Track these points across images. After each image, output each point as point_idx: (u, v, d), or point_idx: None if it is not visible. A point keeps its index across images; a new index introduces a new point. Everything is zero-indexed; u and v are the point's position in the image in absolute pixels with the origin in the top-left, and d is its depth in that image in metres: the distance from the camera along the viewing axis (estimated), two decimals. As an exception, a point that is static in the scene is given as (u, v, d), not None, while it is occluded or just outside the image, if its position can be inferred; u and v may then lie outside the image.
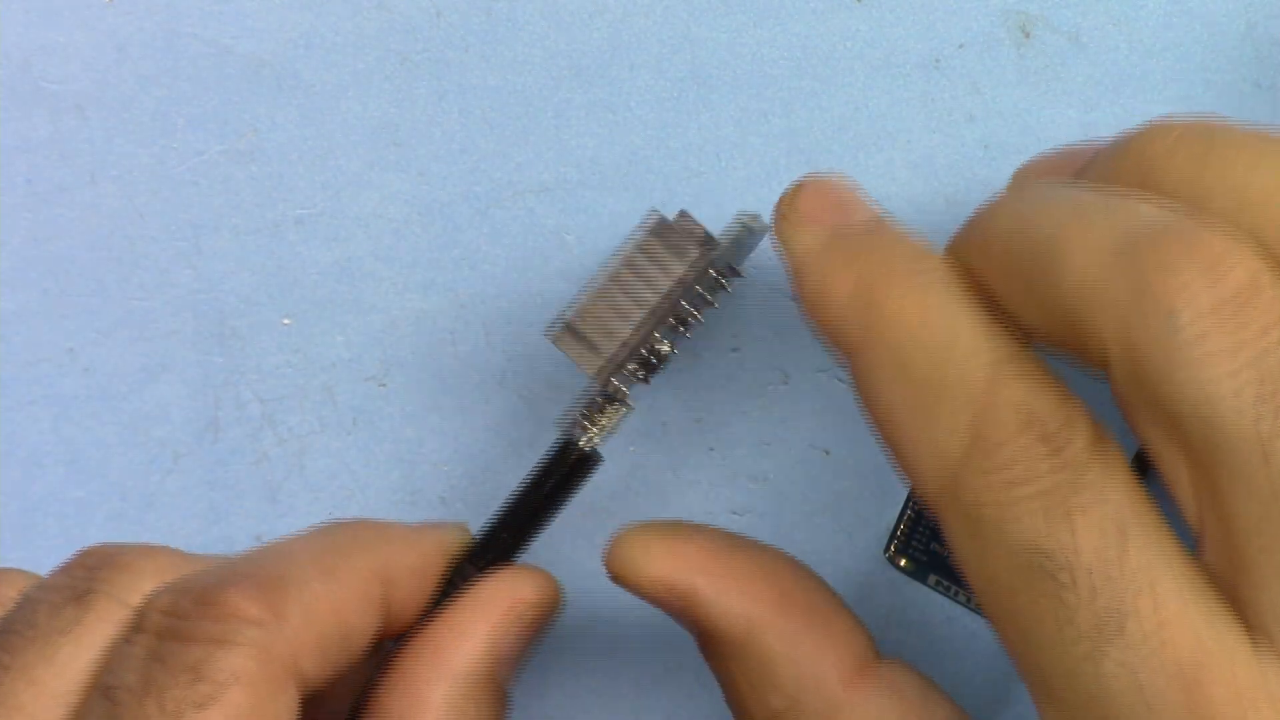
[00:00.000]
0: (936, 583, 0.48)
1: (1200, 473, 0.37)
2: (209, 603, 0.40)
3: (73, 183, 0.50)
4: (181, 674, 0.39)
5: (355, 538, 0.43)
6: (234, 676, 0.39)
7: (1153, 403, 0.37)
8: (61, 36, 0.50)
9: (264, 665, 0.40)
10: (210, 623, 0.40)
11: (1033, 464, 0.37)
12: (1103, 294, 0.37)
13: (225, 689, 0.39)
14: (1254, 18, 0.49)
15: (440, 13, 0.50)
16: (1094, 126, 0.49)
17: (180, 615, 0.40)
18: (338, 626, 0.41)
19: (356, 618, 0.42)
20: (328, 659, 0.41)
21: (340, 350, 0.49)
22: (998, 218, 0.40)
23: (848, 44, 0.50)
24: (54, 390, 0.49)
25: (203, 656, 0.40)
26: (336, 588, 0.42)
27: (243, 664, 0.40)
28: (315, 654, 0.41)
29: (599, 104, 0.50)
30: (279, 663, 0.40)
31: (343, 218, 0.50)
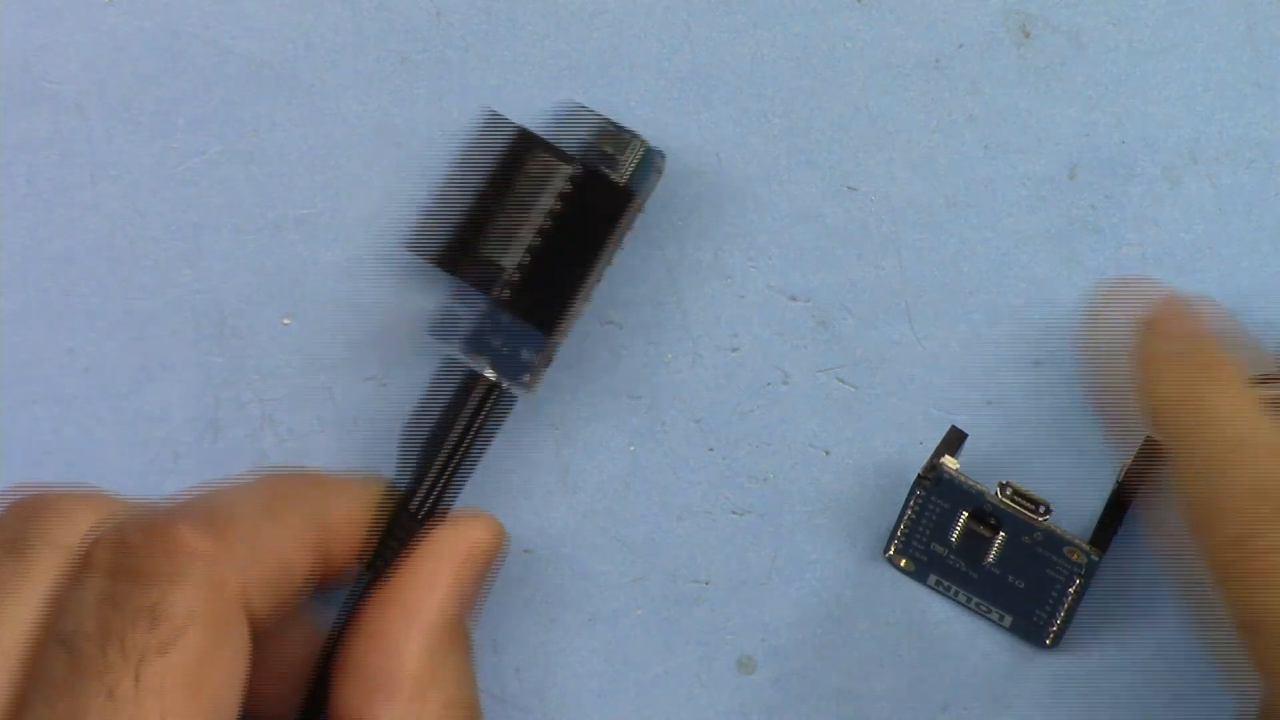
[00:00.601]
0: (936, 583, 0.48)
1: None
2: (157, 537, 0.40)
3: (73, 183, 0.50)
4: (139, 617, 0.39)
5: (293, 485, 0.44)
6: (190, 615, 0.39)
7: None
8: (61, 36, 0.50)
9: (216, 600, 0.40)
10: (160, 558, 0.40)
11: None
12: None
13: (184, 630, 0.39)
14: (1254, 18, 0.49)
15: (440, 13, 0.50)
16: (1094, 126, 0.49)
17: (129, 552, 0.40)
18: (281, 565, 0.42)
19: (297, 559, 0.42)
20: (272, 597, 0.41)
21: (340, 350, 0.49)
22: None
23: (848, 44, 0.50)
24: (54, 390, 0.49)
25: (158, 597, 0.39)
26: (278, 528, 0.42)
27: (197, 601, 0.40)
28: (261, 590, 0.41)
29: (599, 104, 0.50)
30: (229, 597, 0.40)
31: (343, 218, 0.50)
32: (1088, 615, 0.48)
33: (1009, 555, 0.46)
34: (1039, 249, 0.49)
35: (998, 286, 0.49)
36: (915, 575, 0.48)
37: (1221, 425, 0.44)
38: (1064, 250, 0.49)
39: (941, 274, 0.49)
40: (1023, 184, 0.49)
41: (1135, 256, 0.49)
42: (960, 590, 0.47)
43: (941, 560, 0.47)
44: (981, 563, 0.47)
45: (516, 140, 0.47)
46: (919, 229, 0.49)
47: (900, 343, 0.49)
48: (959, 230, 0.49)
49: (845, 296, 0.49)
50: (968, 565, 0.47)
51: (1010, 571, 0.47)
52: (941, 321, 0.49)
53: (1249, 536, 0.42)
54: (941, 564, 0.47)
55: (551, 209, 0.47)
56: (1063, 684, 0.48)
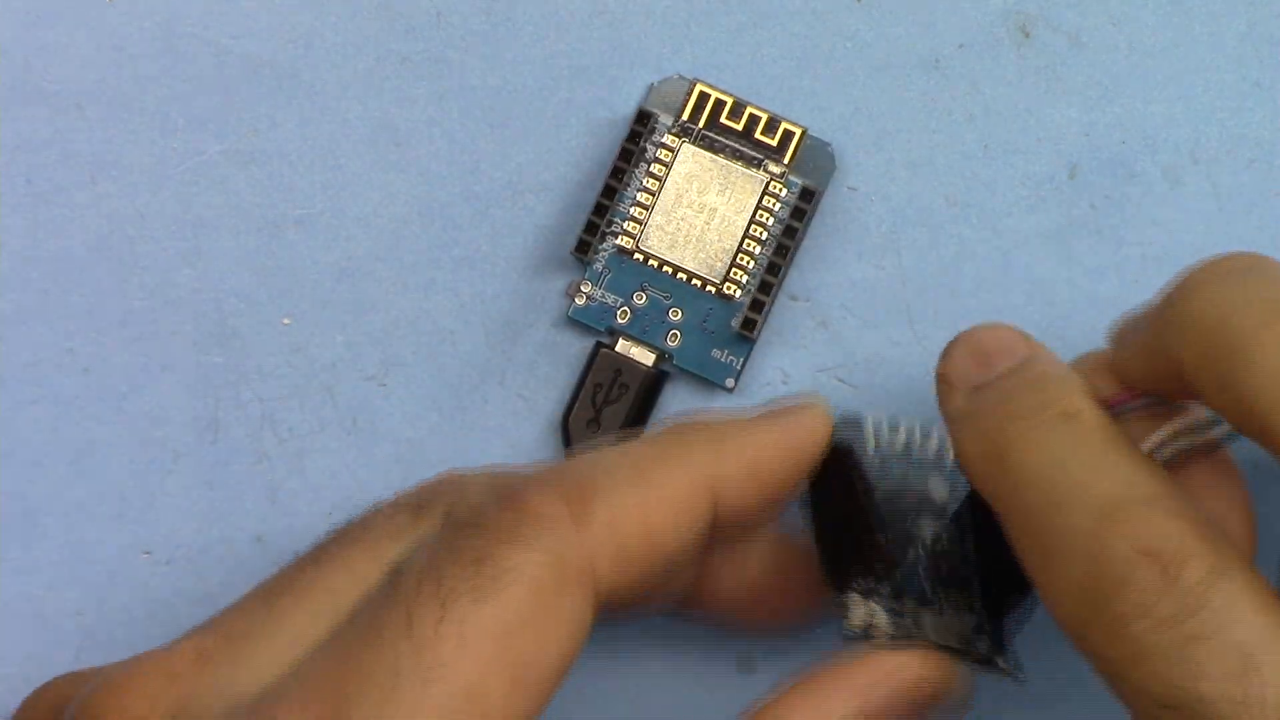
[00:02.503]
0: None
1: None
2: (510, 502, 0.40)
3: (73, 183, 0.50)
4: (467, 564, 0.39)
5: (682, 442, 0.43)
6: (518, 573, 0.39)
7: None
8: (61, 36, 0.50)
9: (553, 568, 0.39)
10: (506, 516, 0.40)
11: (1149, 596, 0.38)
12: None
13: (506, 585, 0.39)
14: (1254, 18, 0.49)
15: (440, 13, 0.50)
16: (1094, 126, 0.49)
17: (479, 510, 0.40)
18: (645, 536, 0.41)
19: (670, 526, 0.41)
20: (632, 567, 0.41)
21: (340, 350, 0.49)
22: (1197, 304, 0.40)
23: (848, 44, 0.50)
24: (54, 390, 0.49)
25: (491, 550, 0.39)
26: (649, 496, 0.41)
27: (530, 562, 0.39)
28: (616, 563, 0.40)
29: (599, 104, 0.50)
30: (572, 568, 0.40)
31: (343, 218, 0.50)
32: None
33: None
34: (1039, 249, 0.49)
35: (998, 286, 0.49)
36: None
37: (1031, 487, 0.40)
38: (1064, 250, 0.49)
39: (941, 274, 0.49)
40: (1023, 184, 0.49)
41: (1135, 256, 0.49)
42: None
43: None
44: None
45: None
46: (919, 229, 0.49)
47: (900, 343, 0.49)
48: (959, 230, 0.49)
49: (845, 296, 0.49)
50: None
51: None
52: (941, 321, 0.49)
53: (1098, 616, 0.39)
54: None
55: None
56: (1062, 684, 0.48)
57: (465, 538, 0.40)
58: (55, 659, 0.45)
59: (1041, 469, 0.40)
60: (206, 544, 0.49)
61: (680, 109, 0.49)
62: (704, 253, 0.48)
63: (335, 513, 0.49)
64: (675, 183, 0.48)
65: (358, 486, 0.49)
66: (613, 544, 0.40)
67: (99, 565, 0.49)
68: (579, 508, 0.40)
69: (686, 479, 0.42)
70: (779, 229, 0.48)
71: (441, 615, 0.39)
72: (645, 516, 0.41)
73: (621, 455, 0.42)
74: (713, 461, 0.42)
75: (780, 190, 0.48)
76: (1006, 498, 0.40)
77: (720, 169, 0.48)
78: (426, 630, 0.39)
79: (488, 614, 0.39)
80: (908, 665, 0.43)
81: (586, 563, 0.40)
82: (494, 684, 0.39)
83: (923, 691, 0.43)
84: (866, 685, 0.42)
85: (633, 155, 0.48)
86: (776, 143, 0.49)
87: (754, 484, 0.43)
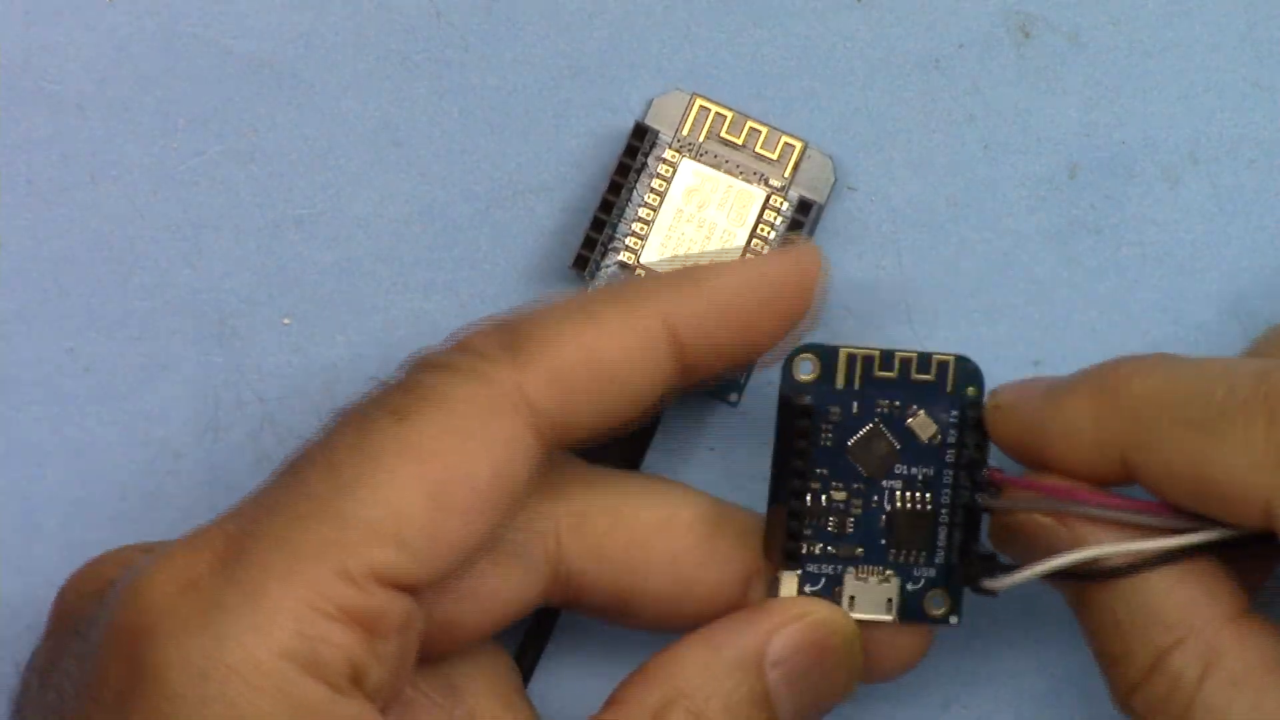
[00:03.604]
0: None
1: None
2: (450, 340, 0.41)
3: (73, 183, 0.50)
4: (393, 390, 0.40)
5: (638, 282, 0.43)
6: (439, 393, 0.40)
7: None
8: (61, 36, 0.50)
9: (477, 389, 0.40)
10: (443, 355, 0.41)
11: None
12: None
13: (425, 403, 0.39)
14: (1254, 18, 0.49)
15: (440, 13, 0.50)
16: (1094, 126, 0.49)
17: (427, 351, 0.41)
18: (589, 366, 0.41)
19: (620, 357, 0.41)
20: (576, 397, 0.41)
21: (340, 350, 0.49)
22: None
23: (848, 44, 0.50)
24: (54, 390, 0.49)
25: (418, 378, 0.40)
26: (593, 328, 0.41)
27: (452, 384, 0.40)
28: (556, 391, 0.40)
29: (599, 104, 0.50)
30: (500, 392, 0.40)
31: (343, 218, 0.50)
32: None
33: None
34: (1039, 249, 0.49)
35: (998, 286, 0.49)
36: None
37: None
38: (1064, 250, 0.49)
39: (941, 274, 0.49)
40: (1023, 184, 0.49)
41: (1135, 256, 0.49)
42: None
43: None
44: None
45: None
46: (919, 229, 0.49)
47: (900, 343, 0.49)
48: (959, 230, 0.49)
49: (845, 296, 0.49)
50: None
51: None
52: (941, 321, 0.49)
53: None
54: None
55: None
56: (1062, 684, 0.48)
57: (402, 371, 0.41)
58: (55, 659, 0.45)
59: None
60: (206, 544, 0.49)
61: (680, 123, 0.49)
62: None
63: (335, 513, 0.49)
64: (675, 198, 0.48)
65: (358, 486, 0.49)
66: (548, 372, 0.41)
67: (99, 565, 0.49)
68: (513, 339, 0.41)
69: (637, 313, 0.42)
70: (778, 242, 0.48)
71: (360, 436, 0.39)
72: (587, 347, 0.41)
73: (571, 298, 0.43)
74: (671, 298, 0.43)
75: (780, 204, 0.48)
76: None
77: (720, 184, 0.48)
78: (343, 453, 0.39)
79: (406, 433, 0.39)
80: (813, 612, 0.43)
81: (516, 388, 0.40)
82: (412, 500, 0.39)
83: (830, 643, 0.43)
84: (767, 629, 0.42)
85: (630, 170, 0.48)
86: (777, 156, 0.48)
87: (723, 321, 0.43)
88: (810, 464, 0.44)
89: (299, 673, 0.38)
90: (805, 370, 0.44)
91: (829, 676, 0.43)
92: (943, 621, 0.44)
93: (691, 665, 0.42)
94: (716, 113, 0.49)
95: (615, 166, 0.48)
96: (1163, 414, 0.41)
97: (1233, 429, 0.39)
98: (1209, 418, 0.40)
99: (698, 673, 0.42)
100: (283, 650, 0.38)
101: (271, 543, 0.39)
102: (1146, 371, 0.42)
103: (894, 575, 0.44)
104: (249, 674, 0.38)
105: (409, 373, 0.41)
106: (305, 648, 0.38)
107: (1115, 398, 0.42)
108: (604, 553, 0.44)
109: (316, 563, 0.38)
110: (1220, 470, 0.40)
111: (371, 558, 0.39)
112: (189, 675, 0.38)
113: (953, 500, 0.44)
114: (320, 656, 0.38)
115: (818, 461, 0.44)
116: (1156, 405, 0.41)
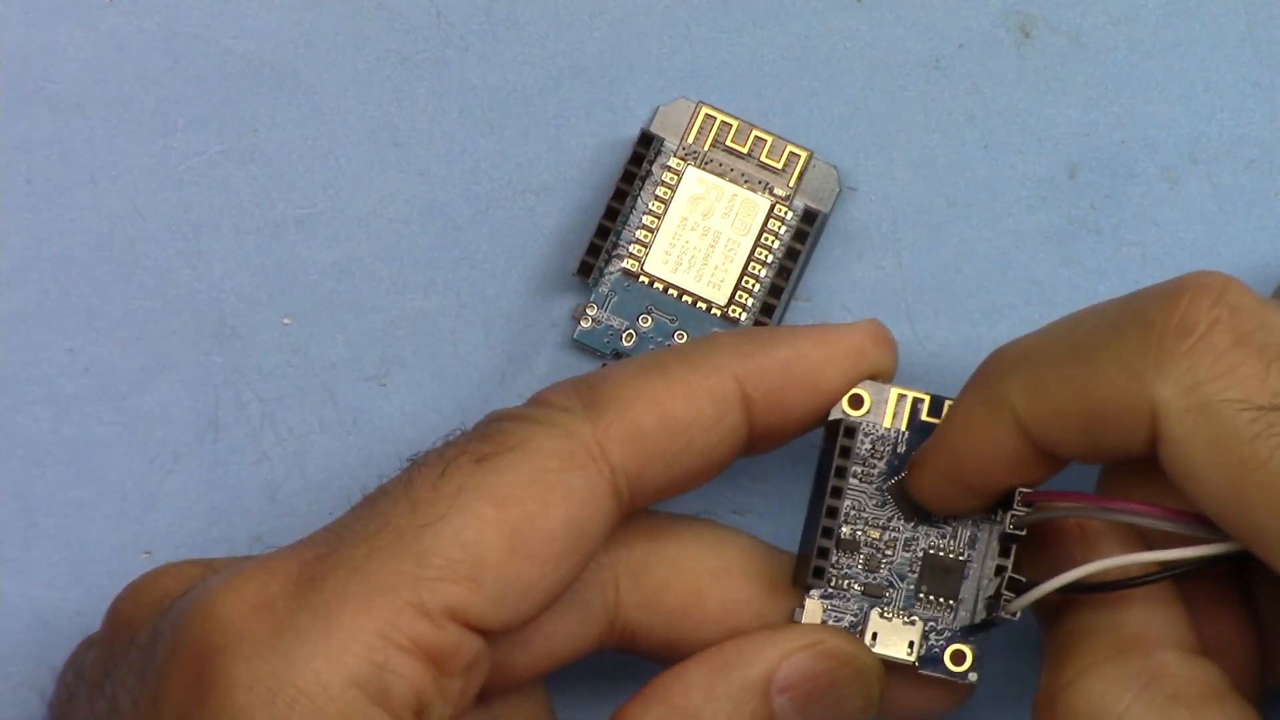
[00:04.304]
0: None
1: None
2: (531, 398, 0.42)
3: (73, 183, 0.50)
4: (474, 437, 0.40)
5: (709, 342, 0.43)
6: (521, 443, 0.40)
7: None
8: (61, 36, 0.50)
9: (558, 441, 0.40)
10: (522, 409, 0.41)
11: None
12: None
13: (507, 450, 0.40)
14: (1254, 18, 0.49)
15: (440, 13, 0.50)
16: (1094, 126, 0.49)
17: (507, 409, 0.42)
18: (662, 423, 0.41)
19: (692, 416, 0.42)
20: (651, 454, 0.41)
21: (340, 350, 0.49)
22: None
23: (848, 44, 0.50)
24: (54, 390, 0.49)
25: (499, 426, 0.40)
26: (665, 385, 0.42)
27: (534, 434, 0.40)
28: (631, 446, 0.41)
29: (599, 104, 0.50)
30: (579, 445, 0.40)
31: (343, 218, 0.50)
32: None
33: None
34: (1039, 249, 0.49)
35: (998, 286, 0.49)
36: None
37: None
38: (1064, 250, 0.49)
39: (941, 274, 0.49)
40: (1023, 184, 0.49)
41: (1135, 256, 0.49)
42: None
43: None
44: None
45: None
46: (919, 229, 0.49)
47: (900, 343, 0.49)
48: (959, 230, 0.49)
49: (845, 296, 0.49)
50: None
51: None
52: (941, 321, 0.49)
53: None
54: None
55: None
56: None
57: (481, 423, 0.41)
58: (55, 659, 0.45)
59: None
60: (206, 544, 0.49)
61: (685, 131, 0.49)
62: (709, 276, 0.48)
63: (335, 512, 0.49)
64: (680, 205, 0.48)
65: (358, 486, 0.49)
66: (626, 429, 0.41)
67: (99, 565, 0.49)
68: (591, 395, 0.41)
69: (707, 372, 0.42)
70: (782, 251, 0.48)
71: (440, 476, 0.40)
72: (661, 404, 0.42)
73: (646, 355, 0.43)
74: (741, 359, 0.43)
75: (785, 213, 0.48)
76: None
77: (725, 192, 0.48)
78: (423, 491, 0.39)
79: (486, 476, 0.39)
80: (826, 641, 0.43)
81: (594, 442, 0.41)
82: (490, 543, 0.39)
83: (842, 674, 0.43)
84: (778, 654, 0.42)
85: (635, 178, 0.48)
86: (782, 165, 0.48)
87: (790, 387, 0.43)
88: (849, 495, 0.45)
89: (367, 702, 0.38)
90: (855, 404, 0.45)
91: (839, 706, 0.43)
92: (961, 677, 0.44)
93: (696, 686, 0.42)
94: (722, 121, 0.48)
95: (621, 174, 0.48)
96: (1040, 359, 0.41)
97: (1107, 348, 0.40)
98: (1082, 347, 0.40)
99: (701, 694, 0.42)
100: (353, 678, 0.38)
101: (348, 571, 0.39)
102: (1017, 340, 0.42)
103: (919, 620, 0.45)
104: (318, 698, 0.38)
105: (488, 423, 0.41)
106: (375, 677, 0.38)
107: (994, 370, 0.42)
108: (661, 602, 0.44)
109: (392, 594, 0.38)
110: (1103, 389, 0.40)
111: (448, 595, 0.39)
112: (257, 695, 0.38)
113: (984, 553, 0.44)
114: (389, 687, 0.38)
115: (857, 498, 0.45)
116: (1032, 355, 0.41)
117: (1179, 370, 0.39)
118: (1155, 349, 0.39)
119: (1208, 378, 0.39)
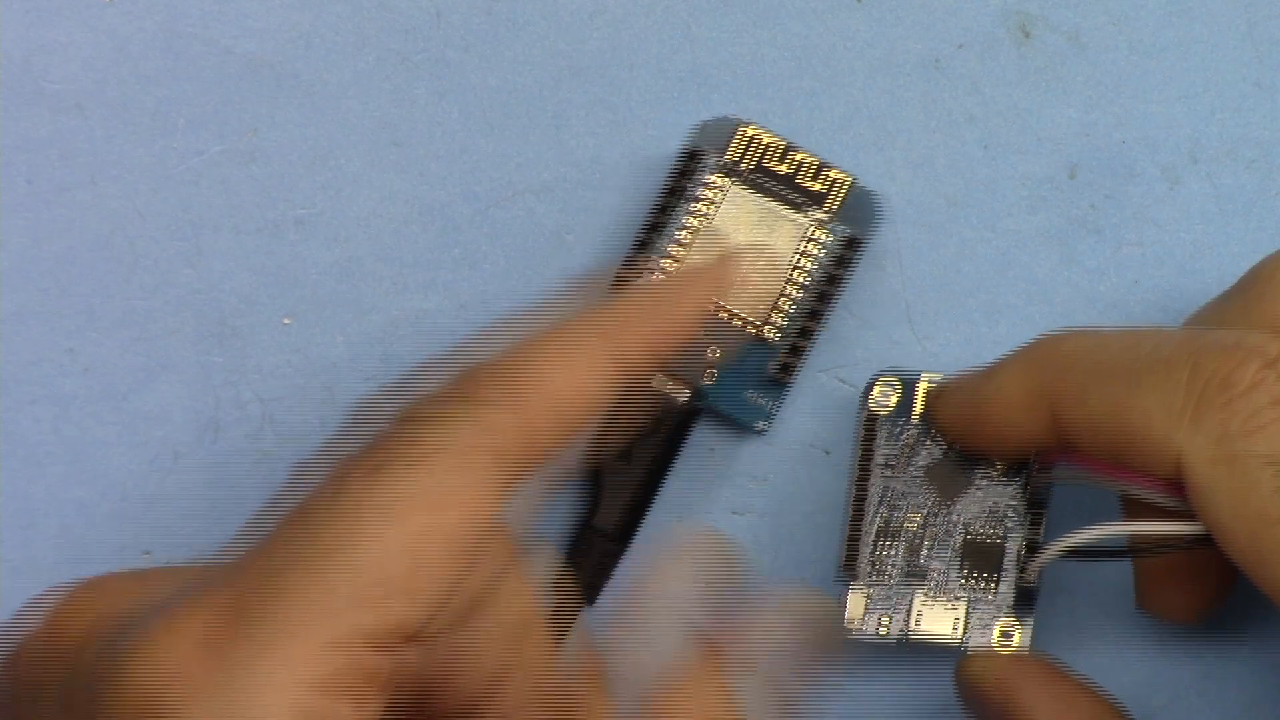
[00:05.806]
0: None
1: None
2: (416, 394, 0.41)
3: (73, 183, 0.50)
4: (365, 450, 0.40)
5: (593, 322, 0.43)
6: (408, 448, 0.39)
7: None
8: (61, 36, 0.50)
9: (445, 439, 0.40)
10: (412, 411, 0.41)
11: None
12: None
13: (396, 461, 0.39)
14: (1254, 18, 0.49)
15: (440, 13, 0.50)
16: (1094, 126, 0.49)
17: (418, 396, 0.41)
18: (552, 408, 0.41)
19: (594, 392, 0.42)
20: (540, 437, 0.41)
21: (340, 350, 0.49)
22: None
23: (848, 44, 0.50)
24: (54, 390, 0.49)
25: (387, 435, 0.40)
26: (574, 375, 0.41)
27: (419, 437, 0.40)
28: (520, 436, 0.41)
29: (599, 104, 0.50)
30: (466, 440, 0.40)
31: (343, 218, 0.50)
32: (1085, 617, 0.48)
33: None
34: (1039, 249, 0.49)
35: (998, 286, 0.49)
36: None
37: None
38: (1064, 250, 0.49)
39: (941, 274, 0.49)
40: (1023, 184, 0.49)
41: (1135, 256, 0.49)
42: None
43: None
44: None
45: None
46: (919, 229, 0.49)
47: (900, 343, 0.49)
48: (959, 230, 0.49)
49: (845, 296, 0.49)
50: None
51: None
52: (941, 321, 0.49)
53: None
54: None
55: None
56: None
57: (359, 418, 0.41)
58: (55, 659, 0.45)
59: None
60: (206, 544, 0.49)
61: (726, 149, 0.48)
62: (746, 294, 0.48)
63: (335, 513, 0.49)
64: (719, 222, 0.48)
65: (358, 486, 0.49)
66: (515, 420, 0.41)
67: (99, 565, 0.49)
68: (472, 388, 0.41)
69: (602, 352, 0.42)
70: (821, 275, 0.48)
71: (337, 494, 0.39)
72: (549, 392, 0.41)
73: (545, 334, 0.43)
74: (619, 338, 0.43)
75: (825, 237, 0.48)
76: None
77: (763, 211, 0.48)
78: (319, 512, 0.39)
79: (383, 491, 0.39)
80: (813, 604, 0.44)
81: (484, 438, 0.40)
82: (395, 561, 0.39)
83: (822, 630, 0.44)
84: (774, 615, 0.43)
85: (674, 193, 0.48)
86: (823, 188, 0.48)
87: (648, 351, 0.44)
88: (884, 483, 0.46)
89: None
90: (885, 395, 0.46)
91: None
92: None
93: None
94: (764, 141, 0.48)
95: (665, 188, 0.48)
96: (1090, 367, 0.42)
97: (1154, 379, 0.41)
98: (1134, 370, 0.42)
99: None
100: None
101: (259, 617, 0.39)
102: (1077, 335, 0.44)
103: (962, 602, 0.45)
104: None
105: (366, 421, 0.41)
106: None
107: (1046, 357, 0.43)
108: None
109: (307, 638, 0.38)
110: (1139, 417, 0.41)
111: (361, 624, 0.38)
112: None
113: (1023, 517, 0.45)
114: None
115: (893, 485, 0.46)
116: (1085, 360, 0.43)
117: (1212, 421, 0.41)
118: (1198, 396, 0.41)
119: (1239, 432, 0.40)
